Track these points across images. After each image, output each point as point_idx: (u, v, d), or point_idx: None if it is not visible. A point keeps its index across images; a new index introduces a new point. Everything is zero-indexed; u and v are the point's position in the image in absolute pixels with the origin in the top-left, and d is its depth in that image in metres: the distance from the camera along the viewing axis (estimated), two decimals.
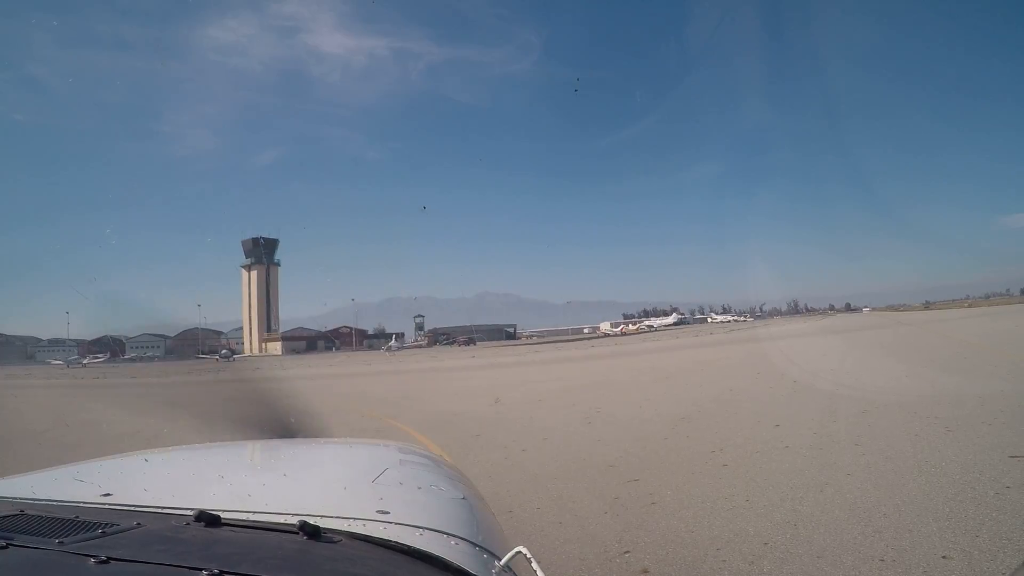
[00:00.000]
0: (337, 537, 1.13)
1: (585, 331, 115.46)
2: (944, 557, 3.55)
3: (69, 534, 1.05)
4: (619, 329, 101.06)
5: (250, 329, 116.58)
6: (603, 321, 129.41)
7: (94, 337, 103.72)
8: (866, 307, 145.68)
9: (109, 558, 0.93)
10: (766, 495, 5.00)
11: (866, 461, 5.83)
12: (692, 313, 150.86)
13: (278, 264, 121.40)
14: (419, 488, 1.72)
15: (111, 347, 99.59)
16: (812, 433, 7.33)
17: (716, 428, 8.20)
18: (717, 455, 6.56)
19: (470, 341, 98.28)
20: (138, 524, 1.15)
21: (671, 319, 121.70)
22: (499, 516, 2.70)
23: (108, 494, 1.44)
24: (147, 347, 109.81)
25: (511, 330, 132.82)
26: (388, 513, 1.30)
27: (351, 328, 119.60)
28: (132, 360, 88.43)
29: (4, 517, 1.16)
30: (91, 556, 0.93)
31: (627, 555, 3.94)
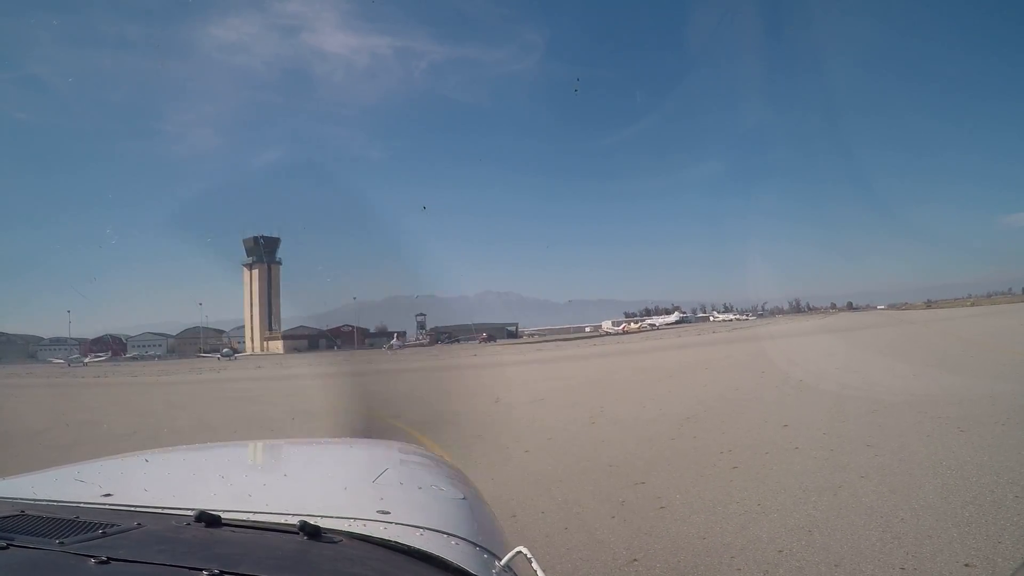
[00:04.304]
0: (337, 537, 1.13)
1: (587, 330, 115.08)
2: (967, 565, 3.42)
3: (69, 534, 1.06)
4: (621, 328, 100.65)
5: (252, 328, 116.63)
6: (605, 320, 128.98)
7: (95, 336, 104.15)
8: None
9: (109, 558, 0.93)
10: (778, 499, 4.86)
11: (879, 463, 5.69)
12: (694, 312, 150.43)
13: (279, 263, 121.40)
14: (419, 488, 1.72)
15: (112, 346, 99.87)
16: (822, 434, 7.19)
17: (723, 428, 8.06)
18: (726, 456, 6.41)
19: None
20: (138, 524, 1.15)
21: (673, 318, 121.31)
22: (502, 521, 2.58)
23: (108, 494, 1.45)
24: (149, 346, 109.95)
25: (513, 329, 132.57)
26: (388, 513, 1.30)
27: (353, 327, 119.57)
28: (133, 359, 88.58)
29: (5, 517, 1.16)
30: (91, 556, 0.93)
31: (635, 563, 3.80)
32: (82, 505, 1.36)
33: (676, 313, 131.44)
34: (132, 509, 1.33)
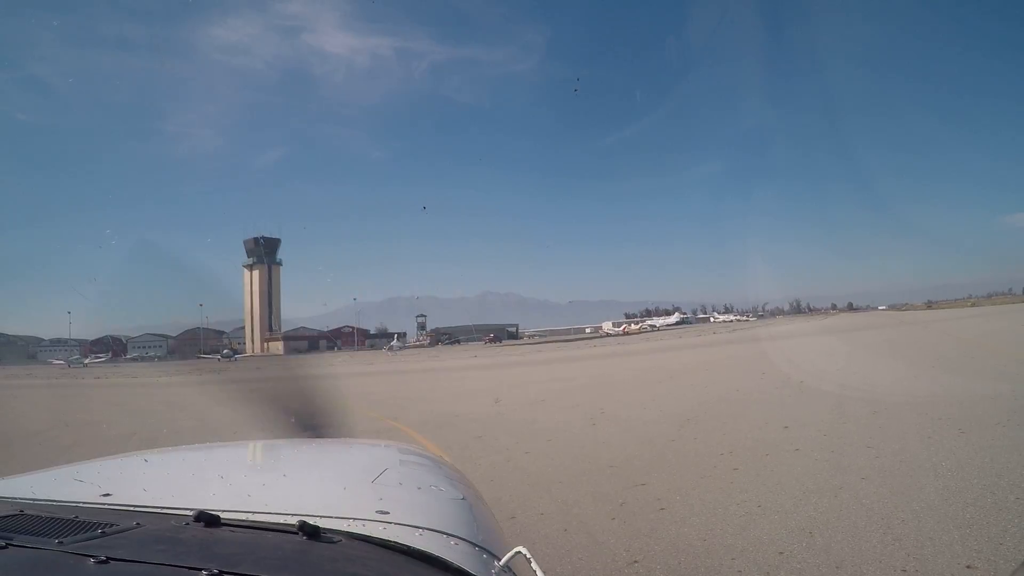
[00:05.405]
0: (337, 537, 1.13)
1: (587, 331, 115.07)
2: (968, 567, 3.41)
3: (69, 534, 1.06)
4: (621, 329, 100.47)
5: (252, 329, 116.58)
6: (605, 321, 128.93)
7: (95, 337, 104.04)
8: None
9: (109, 558, 0.93)
10: (779, 500, 4.85)
11: (880, 464, 5.68)
12: (694, 313, 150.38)
13: (280, 264, 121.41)
14: (419, 488, 1.72)
15: (112, 347, 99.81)
16: (822, 435, 7.18)
17: (724, 430, 8.04)
18: (726, 458, 6.40)
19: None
20: (138, 524, 1.15)
21: (673, 319, 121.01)
22: (502, 522, 2.57)
23: (108, 494, 1.45)
24: (149, 347, 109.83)
25: (513, 330, 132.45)
26: (388, 513, 1.30)
27: (353, 328, 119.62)
28: (133, 360, 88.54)
29: (4, 517, 1.16)
30: (91, 556, 0.93)
31: (636, 565, 3.79)
32: (81, 505, 1.36)
33: (676, 314, 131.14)
34: (131, 509, 1.33)
